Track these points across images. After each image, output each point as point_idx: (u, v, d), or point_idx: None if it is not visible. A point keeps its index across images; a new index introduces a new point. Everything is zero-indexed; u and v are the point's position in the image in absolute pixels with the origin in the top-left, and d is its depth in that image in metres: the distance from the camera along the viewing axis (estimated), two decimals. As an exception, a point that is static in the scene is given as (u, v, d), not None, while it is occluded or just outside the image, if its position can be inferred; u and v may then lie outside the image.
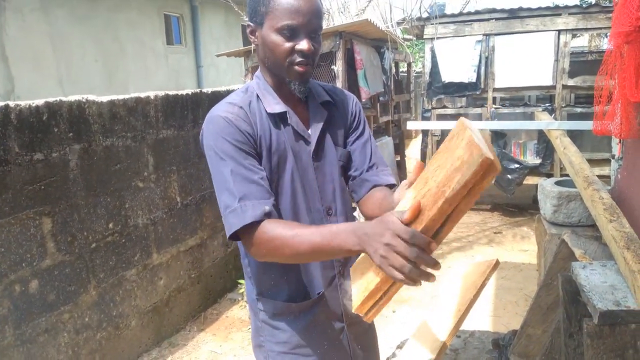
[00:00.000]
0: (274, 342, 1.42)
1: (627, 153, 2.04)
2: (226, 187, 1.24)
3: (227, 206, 1.23)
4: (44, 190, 2.56)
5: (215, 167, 1.27)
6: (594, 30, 5.56)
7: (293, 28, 1.23)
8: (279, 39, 1.25)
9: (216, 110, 1.32)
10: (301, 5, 1.23)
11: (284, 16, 1.23)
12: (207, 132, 1.29)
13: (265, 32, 1.27)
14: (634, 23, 1.59)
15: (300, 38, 1.25)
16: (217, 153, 1.25)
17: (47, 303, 2.60)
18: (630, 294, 1.44)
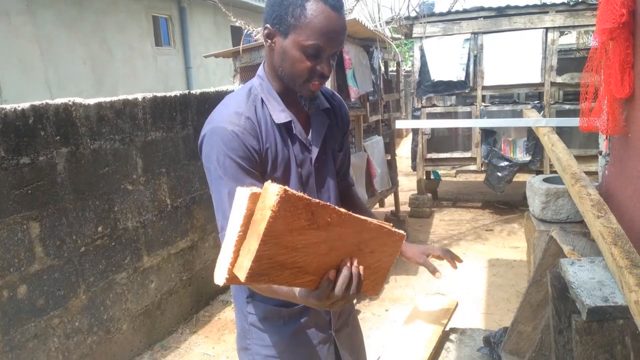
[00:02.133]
0: (261, 346, 1.42)
1: (614, 149, 2.05)
2: (222, 208, 1.21)
3: (223, 227, 1.20)
4: (31, 194, 2.53)
5: (214, 183, 1.24)
6: (581, 27, 5.59)
7: (318, 49, 1.20)
8: (302, 56, 1.21)
9: (221, 119, 1.25)
10: (333, 27, 1.19)
11: (313, 36, 1.18)
12: (209, 143, 1.24)
13: (287, 44, 1.22)
14: (617, 20, 1.60)
15: (322, 59, 1.22)
16: (218, 169, 1.22)
17: (36, 308, 2.58)
18: (617, 290, 1.45)
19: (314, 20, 1.17)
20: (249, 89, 1.33)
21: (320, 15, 1.17)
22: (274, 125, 1.30)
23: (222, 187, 1.21)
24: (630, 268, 1.33)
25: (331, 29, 1.19)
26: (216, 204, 1.24)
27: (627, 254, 1.40)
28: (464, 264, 1.62)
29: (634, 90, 1.70)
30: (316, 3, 1.18)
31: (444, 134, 6.38)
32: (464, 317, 3.52)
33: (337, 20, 1.20)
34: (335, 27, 1.19)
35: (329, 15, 1.18)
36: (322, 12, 1.17)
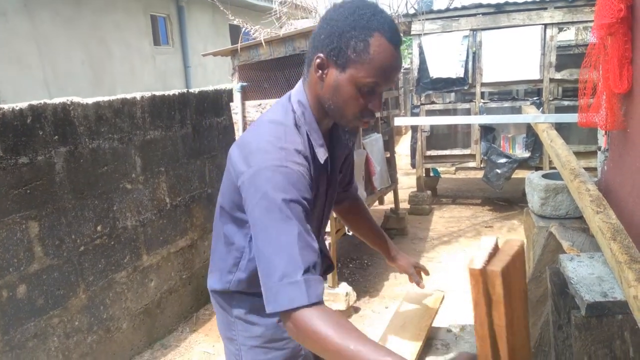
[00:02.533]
0: (247, 337, 1.43)
1: (613, 144, 2.05)
2: (288, 251, 1.07)
3: (285, 275, 1.05)
4: (30, 194, 2.53)
5: (276, 224, 1.09)
6: (580, 23, 5.58)
7: (376, 86, 1.16)
8: (356, 93, 1.16)
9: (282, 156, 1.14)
10: (394, 66, 1.15)
11: (373, 73, 1.13)
12: (271, 182, 1.11)
13: (342, 78, 1.16)
14: (616, 14, 1.60)
15: (375, 97, 1.18)
16: (284, 210, 1.08)
17: (36, 308, 2.58)
18: (617, 285, 1.45)
19: (376, 58, 1.12)
20: (294, 120, 1.25)
21: (383, 52, 1.13)
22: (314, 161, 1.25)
23: (289, 228, 1.08)
24: (630, 263, 1.33)
25: (392, 68, 1.15)
26: (277, 245, 1.08)
27: (626, 249, 1.40)
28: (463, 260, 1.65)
29: (632, 85, 1.70)
30: (380, 39, 1.12)
31: (443, 131, 6.38)
32: (463, 313, 3.52)
33: (398, 58, 1.16)
34: (395, 66, 1.15)
35: (392, 53, 1.14)
36: (385, 50, 1.13)
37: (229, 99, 4.14)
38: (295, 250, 1.07)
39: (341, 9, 1.17)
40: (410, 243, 5.12)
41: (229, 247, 1.37)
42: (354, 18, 1.14)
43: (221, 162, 4.18)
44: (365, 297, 3.89)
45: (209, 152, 4.03)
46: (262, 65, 3.65)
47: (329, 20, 1.18)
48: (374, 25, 1.13)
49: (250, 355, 1.45)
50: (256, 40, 3.51)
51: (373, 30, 1.12)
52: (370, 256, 4.67)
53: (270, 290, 1.07)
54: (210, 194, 4.05)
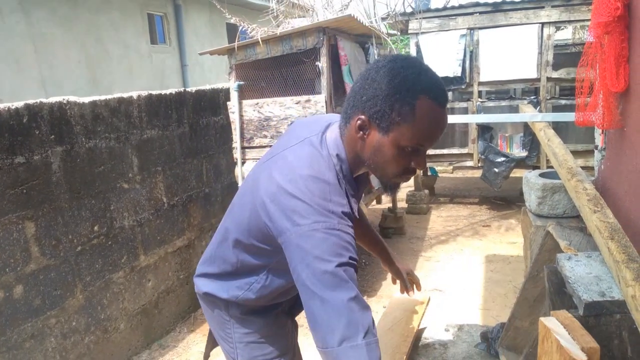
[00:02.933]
0: (243, 334, 1.45)
1: (610, 143, 2.05)
2: (347, 315, 1.04)
3: (346, 338, 1.03)
4: (26, 194, 2.52)
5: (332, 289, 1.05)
6: (577, 22, 5.59)
7: (421, 147, 1.13)
8: (399, 155, 1.12)
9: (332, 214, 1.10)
10: (440, 127, 1.12)
11: (419, 137, 1.10)
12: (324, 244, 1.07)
13: (385, 141, 1.12)
14: (612, 13, 1.60)
15: (419, 156, 1.14)
16: (339, 274, 1.05)
17: (33, 308, 2.57)
18: (614, 284, 1.45)
19: (422, 121, 1.08)
20: (336, 176, 1.19)
21: (429, 115, 1.09)
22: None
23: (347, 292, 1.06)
24: (627, 262, 1.33)
25: (438, 129, 1.12)
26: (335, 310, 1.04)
27: (624, 249, 1.40)
28: (461, 259, 1.66)
29: (629, 84, 1.70)
30: (426, 102, 1.08)
31: (440, 130, 6.37)
32: (461, 313, 3.53)
33: (444, 119, 1.12)
34: (441, 127, 1.12)
35: (438, 115, 1.10)
36: (431, 112, 1.09)
37: (226, 98, 4.13)
38: (354, 313, 1.04)
39: (384, 69, 1.12)
40: (408, 242, 5.12)
41: (242, 269, 1.36)
42: (399, 80, 1.09)
43: (218, 162, 4.17)
44: (363, 296, 3.89)
45: (206, 152, 4.02)
46: (259, 64, 3.64)
47: (371, 82, 1.12)
48: (420, 87, 1.09)
49: (246, 352, 1.45)
50: (253, 39, 3.50)
51: (419, 93, 1.08)
52: (368, 256, 4.67)
53: (330, 354, 1.05)
54: (208, 193, 4.04)
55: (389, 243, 5.04)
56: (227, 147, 4.21)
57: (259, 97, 3.66)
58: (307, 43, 3.38)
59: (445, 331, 3.06)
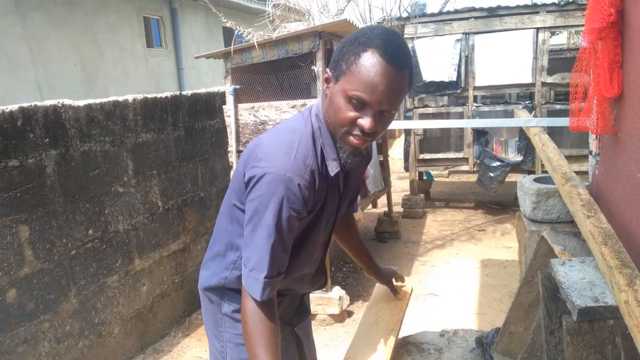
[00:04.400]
0: (234, 334, 1.47)
1: (604, 149, 2.06)
2: (260, 253, 1.23)
3: (254, 269, 1.24)
4: (20, 197, 2.51)
5: (262, 226, 1.21)
6: (571, 27, 5.62)
7: (363, 101, 1.14)
8: (346, 104, 1.16)
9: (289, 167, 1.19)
10: (382, 83, 1.11)
11: (358, 85, 1.12)
12: (272, 189, 1.18)
13: (336, 89, 1.18)
14: (606, 19, 1.61)
15: (366, 113, 1.15)
16: (273, 218, 1.19)
17: (26, 312, 2.55)
18: (608, 290, 1.45)
19: (363, 71, 1.11)
20: (311, 131, 1.28)
21: (373, 67, 1.11)
22: (326, 175, 1.29)
23: (270, 236, 1.21)
24: (621, 268, 1.33)
25: (381, 84, 1.11)
26: (256, 244, 1.23)
27: (617, 254, 1.40)
28: (457, 264, 1.67)
29: (622, 89, 1.71)
30: (372, 54, 1.11)
31: (436, 134, 6.39)
32: (456, 318, 3.53)
33: (390, 76, 1.12)
34: (385, 83, 1.11)
35: (382, 69, 1.11)
36: (375, 65, 1.11)
37: (221, 101, 4.13)
38: (267, 256, 1.22)
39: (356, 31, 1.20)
40: (403, 247, 5.12)
41: (229, 246, 1.43)
42: (358, 35, 1.16)
43: (214, 165, 4.17)
44: (358, 301, 3.88)
45: (202, 155, 4.01)
46: (255, 68, 3.64)
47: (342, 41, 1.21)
48: (373, 43, 1.12)
49: (235, 352, 1.48)
50: (249, 43, 3.50)
51: (369, 47, 1.12)
52: (364, 259, 4.66)
53: (243, 273, 1.27)
54: (203, 197, 4.03)
55: (385, 247, 5.04)
56: (222, 151, 4.21)
57: (255, 101, 3.66)
58: (303, 47, 3.39)
59: (440, 336, 3.05)
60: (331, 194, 1.35)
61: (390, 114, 1.20)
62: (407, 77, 1.17)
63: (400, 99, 1.18)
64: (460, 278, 4.24)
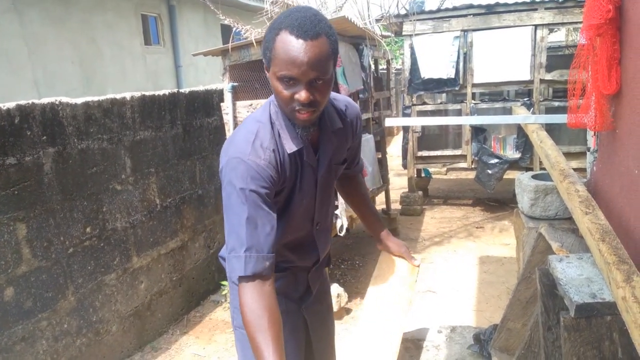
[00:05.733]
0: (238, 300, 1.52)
1: (602, 145, 2.06)
2: (237, 230, 1.29)
3: (233, 249, 1.29)
4: (17, 195, 2.51)
5: (233, 206, 1.30)
6: (570, 24, 5.62)
7: (291, 78, 1.23)
8: (280, 86, 1.26)
9: (248, 151, 1.32)
10: (298, 57, 1.20)
11: (282, 66, 1.22)
12: (235, 171, 1.30)
13: (270, 76, 1.29)
14: (604, 16, 1.60)
15: (299, 88, 1.25)
16: (240, 195, 1.28)
17: (24, 310, 2.55)
18: (605, 286, 1.45)
19: (281, 52, 1.22)
20: (268, 116, 1.39)
21: (286, 46, 1.21)
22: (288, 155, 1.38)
23: (241, 211, 1.28)
24: (618, 264, 1.33)
25: (296, 58, 1.20)
26: (231, 224, 1.31)
27: (615, 250, 1.40)
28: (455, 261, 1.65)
29: (621, 86, 1.71)
30: (283, 35, 1.22)
31: (434, 131, 6.39)
32: (454, 314, 3.53)
33: (304, 48, 1.20)
34: (301, 56, 1.20)
35: (295, 45, 1.20)
36: (287, 43, 1.21)
37: (219, 99, 4.12)
38: (242, 231, 1.27)
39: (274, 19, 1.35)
40: (401, 243, 5.11)
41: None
42: (273, 22, 1.28)
43: (212, 163, 4.16)
44: (356, 298, 3.88)
45: (200, 153, 4.01)
46: (253, 65, 3.63)
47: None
48: (283, 24, 1.23)
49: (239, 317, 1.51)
50: (247, 40, 3.49)
51: (280, 30, 1.23)
52: (362, 257, 4.67)
53: (227, 261, 1.32)
54: (201, 194, 4.03)
55: (383, 244, 5.03)
56: (220, 149, 4.19)
57: (253, 98, 3.65)
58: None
59: (438, 333, 3.06)
60: (306, 171, 1.44)
61: (324, 81, 1.27)
62: (324, 44, 1.24)
63: (325, 65, 1.25)
64: (458, 275, 4.24)
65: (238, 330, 1.59)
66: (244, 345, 1.56)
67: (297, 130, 1.36)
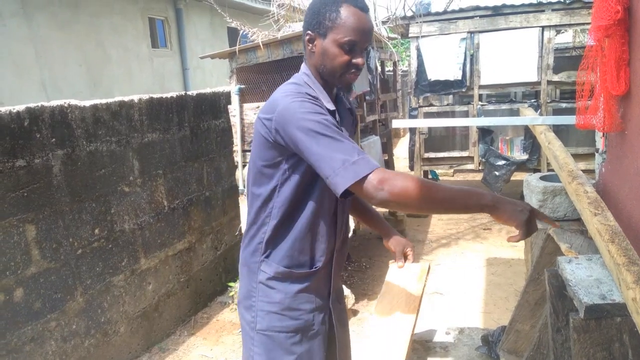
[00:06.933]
0: (266, 302, 1.56)
1: (611, 146, 2.05)
2: (340, 148, 1.31)
3: (345, 160, 1.29)
4: (27, 197, 2.52)
5: (318, 138, 1.32)
6: (577, 25, 5.60)
7: (353, 44, 1.43)
8: (340, 52, 1.44)
9: (293, 97, 1.41)
10: (365, 25, 1.43)
11: (348, 33, 1.42)
12: (293, 116, 1.36)
13: (327, 43, 1.45)
14: (613, 17, 1.60)
15: (356, 53, 1.45)
16: (315, 127, 1.33)
17: (33, 311, 2.56)
18: (615, 287, 1.45)
19: (347, 21, 1.42)
20: (304, 82, 1.52)
21: (352, 16, 1.42)
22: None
23: (330, 134, 1.32)
24: (628, 265, 1.33)
25: (362, 27, 1.43)
26: (327, 150, 1.31)
27: (625, 251, 1.40)
28: (462, 263, 1.66)
29: (630, 87, 1.70)
30: (348, 7, 1.43)
31: (441, 133, 6.38)
32: (462, 316, 3.52)
33: (366, 19, 1.45)
34: (365, 25, 1.43)
35: (360, 16, 1.43)
36: (354, 14, 1.42)
37: (227, 101, 4.13)
38: (345, 145, 1.32)
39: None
40: (408, 245, 5.10)
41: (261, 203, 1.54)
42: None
43: (219, 165, 4.18)
44: (363, 299, 3.88)
45: (207, 155, 4.02)
46: (260, 67, 3.65)
47: (310, 7, 1.51)
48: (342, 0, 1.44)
49: (265, 320, 1.56)
50: (254, 43, 3.51)
51: (342, 3, 1.43)
52: (369, 259, 4.67)
53: (336, 177, 1.29)
54: (208, 196, 4.04)
55: (390, 246, 5.02)
56: (227, 151, 4.21)
57: (260, 100, 3.66)
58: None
59: (446, 334, 3.05)
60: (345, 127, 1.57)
61: (365, 50, 1.49)
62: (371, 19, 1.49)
63: (372, 37, 1.49)
64: (465, 277, 4.23)
65: (260, 333, 1.57)
66: (268, 348, 1.56)
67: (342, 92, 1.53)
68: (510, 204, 1.31)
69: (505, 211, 1.31)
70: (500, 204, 1.30)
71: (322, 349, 1.61)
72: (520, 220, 1.30)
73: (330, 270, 1.65)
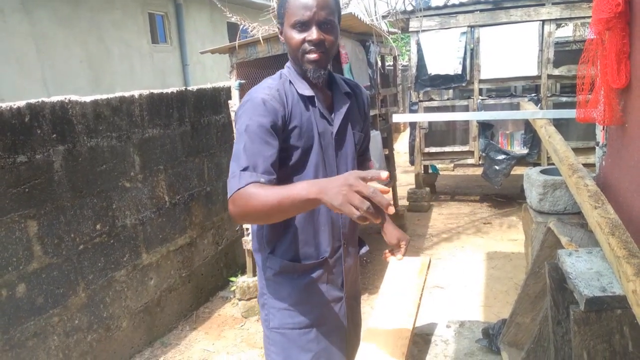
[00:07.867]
0: (276, 299, 1.57)
1: (611, 140, 2.05)
2: (237, 157, 1.38)
3: (231, 172, 1.37)
4: (28, 192, 2.53)
5: (237, 139, 1.42)
6: (577, 19, 5.58)
7: (303, 22, 1.42)
8: (293, 32, 1.45)
9: (255, 92, 1.47)
10: (307, 3, 1.41)
11: (295, 13, 1.43)
12: (243, 109, 1.45)
13: (285, 29, 1.48)
14: (613, 9, 1.60)
15: (310, 30, 1.43)
16: (242, 126, 1.41)
17: (36, 306, 2.58)
18: (615, 279, 1.45)
19: (293, 3, 1.43)
20: (279, 74, 1.57)
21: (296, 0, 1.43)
22: (299, 99, 1.50)
23: (241, 141, 1.38)
24: (628, 258, 1.33)
25: (308, 2, 1.41)
26: (234, 155, 1.40)
27: (625, 244, 1.41)
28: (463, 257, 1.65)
29: (630, 80, 1.70)
30: None
31: (441, 127, 6.38)
32: (462, 310, 3.53)
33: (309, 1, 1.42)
34: (306, 3, 1.41)
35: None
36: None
37: (227, 96, 4.13)
38: (241, 155, 1.36)
39: None
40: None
41: None
42: None
43: (220, 160, 4.18)
44: (364, 294, 3.89)
45: (208, 150, 4.03)
46: (260, 62, 3.64)
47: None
48: None
49: (277, 318, 1.56)
50: (254, 38, 3.50)
51: None
52: (369, 253, 4.68)
53: (227, 184, 1.37)
54: (209, 191, 4.05)
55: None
56: (228, 146, 4.22)
57: (260, 95, 3.65)
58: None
59: (447, 327, 3.06)
60: (317, 119, 1.51)
61: (331, 24, 1.45)
62: None
63: (331, 6, 1.45)
64: (466, 270, 4.24)
65: (274, 331, 1.57)
66: (284, 346, 1.55)
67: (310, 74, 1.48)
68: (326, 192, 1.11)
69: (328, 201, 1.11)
70: (325, 189, 1.11)
71: (341, 345, 1.60)
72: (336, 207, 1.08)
73: (341, 258, 1.62)
